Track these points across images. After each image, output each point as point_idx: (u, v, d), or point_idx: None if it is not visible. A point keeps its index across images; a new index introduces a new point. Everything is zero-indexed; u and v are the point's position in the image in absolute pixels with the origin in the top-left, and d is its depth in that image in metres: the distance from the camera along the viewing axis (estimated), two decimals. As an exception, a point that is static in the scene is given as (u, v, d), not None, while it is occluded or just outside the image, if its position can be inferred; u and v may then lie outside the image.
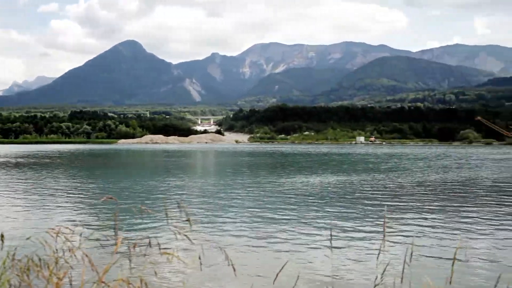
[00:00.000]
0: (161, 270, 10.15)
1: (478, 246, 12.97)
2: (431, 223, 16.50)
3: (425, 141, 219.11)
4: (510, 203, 22.10)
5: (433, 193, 26.17)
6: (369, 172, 42.05)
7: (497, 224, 16.44)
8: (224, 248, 3.98)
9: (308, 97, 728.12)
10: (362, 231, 14.99)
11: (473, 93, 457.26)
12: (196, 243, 11.38)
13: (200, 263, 4.28)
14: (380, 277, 4.74)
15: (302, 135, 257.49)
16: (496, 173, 41.65)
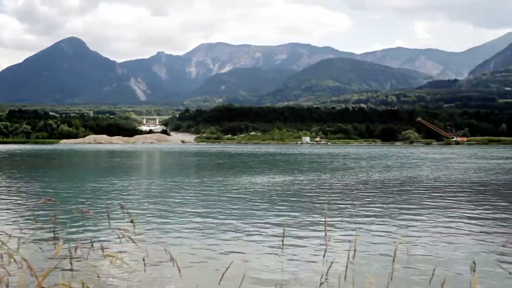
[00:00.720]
0: (104, 273, 9.86)
1: (417, 242, 13.33)
2: (374, 221, 16.86)
3: (369, 141, 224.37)
4: (447, 200, 22.88)
5: (375, 192, 26.78)
6: (315, 172, 42.61)
7: (435, 220, 16.98)
8: (169, 249, 3.94)
9: (255, 97, 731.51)
10: (307, 230, 15.12)
11: (413, 95, 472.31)
12: (140, 244, 11.11)
13: (144, 265, 4.26)
14: (325, 276, 4.80)
15: (248, 135, 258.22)
16: (435, 172, 43.12)
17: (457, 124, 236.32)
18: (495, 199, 24.07)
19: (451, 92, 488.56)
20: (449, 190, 27.93)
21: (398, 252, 4.12)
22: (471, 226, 15.90)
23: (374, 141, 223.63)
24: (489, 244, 13.15)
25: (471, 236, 14.21)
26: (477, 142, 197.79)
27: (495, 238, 13.92)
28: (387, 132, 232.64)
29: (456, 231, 14.97)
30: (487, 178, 36.23)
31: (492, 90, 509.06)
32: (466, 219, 17.29)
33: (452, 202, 22.33)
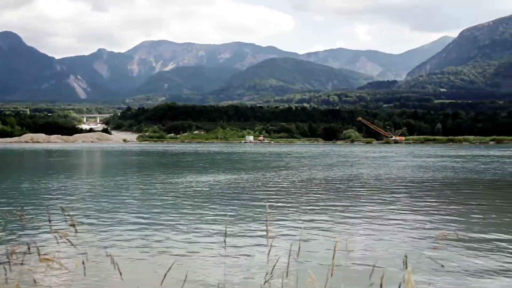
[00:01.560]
0: (41, 278, 9.55)
1: (357, 239, 13.68)
2: (315, 218, 17.14)
3: (311, 140, 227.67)
4: (386, 197, 23.56)
5: (317, 190, 27.24)
6: (258, 171, 42.86)
7: (374, 217, 17.45)
8: (110, 251, 3.85)
9: (198, 96, 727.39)
10: (250, 229, 15.19)
11: (354, 95, 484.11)
12: (80, 248, 10.85)
13: (84, 268, 4.20)
14: (269, 274, 4.80)
15: (192, 134, 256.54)
16: (375, 170, 44.31)
17: (395, 123, 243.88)
18: (430, 196, 25.00)
19: (390, 93, 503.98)
20: (388, 187, 28.78)
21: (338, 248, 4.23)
22: (408, 222, 16.44)
23: (317, 140, 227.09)
24: (424, 240, 13.65)
25: (408, 232, 14.69)
26: (414, 141, 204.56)
27: (431, 234, 14.45)
28: (329, 131, 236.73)
29: (393, 228, 15.43)
30: (423, 176, 37.57)
31: (428, 91, 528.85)
32: (403, 216, 17.86)
33: (390, 199, 23.02)
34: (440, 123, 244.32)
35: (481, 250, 12.26)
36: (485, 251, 12.22)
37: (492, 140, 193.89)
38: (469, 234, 14.32)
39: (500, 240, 13.55)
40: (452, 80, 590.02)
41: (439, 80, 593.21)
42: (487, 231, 14.85)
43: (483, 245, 12.89)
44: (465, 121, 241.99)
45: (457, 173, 39.96)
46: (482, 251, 12.16)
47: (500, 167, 47.68)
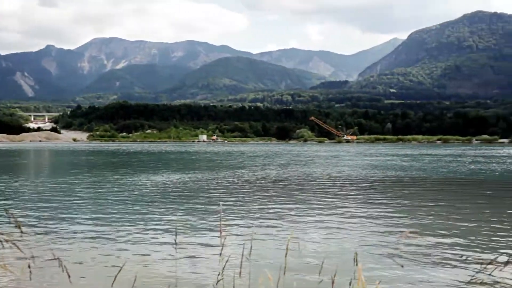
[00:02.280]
0: (-16, 282, 9.18)
1: (309, 237, 13.81)
2: (269, 217, 17.21)
3: (265, 140, 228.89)
4: (338, 195, 23.93)
5: (270, 189, 27.37)
6: (211, 170, 42.72)
7: (326, 215, 17.67)
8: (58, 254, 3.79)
9: (151, 95, 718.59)
10: (203, 229, 15.11)
11: (307, 95, 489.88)
12: (26, 250, 10.49)
13: (30, 272, 4.13)
14: (221, 273, 4.81)
15: (144, 134, 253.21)
16: (327, 169, 44.93)
17: (347, 123, 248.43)
18: (380, 194, 25.55)
19: (342, 93, 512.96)
20: (339, 186, 29.23)
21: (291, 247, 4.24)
22: (358, 220, 16.74)
23: (270, 140, 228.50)
24: (375, 237, 13.91)
25: (359, 230, 14.95)
26: (365, 141, 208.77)
27: (380, 230, 14.76)
28: (282, 131, 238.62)
29: (345, 226, 15.67)
30: (374, 174, 38.39)
31: (379, 91, 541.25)
32: (354, 214, 18.18)
33: (342, 197, 23.38)
34: (390, 123, 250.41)
35: (431, 247, 12.60)
36: (434, 247, 12.56)
37: (439, 140, 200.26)
38: (418, 232, 14.69)
39: (449, 235, 13.97)
40: (401, 81, 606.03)
41: (389, 80, 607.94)
42: (437, 227, 15.29)
43: (432, 241, 13.25)
44: (413, 121, 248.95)
45: (406, 172, 41.03)
46: (432, 248, 12.50)
47: (446, 166, 49.26)
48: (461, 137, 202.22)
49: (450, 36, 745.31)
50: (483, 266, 3.67)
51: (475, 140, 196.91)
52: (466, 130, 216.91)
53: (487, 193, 27.03)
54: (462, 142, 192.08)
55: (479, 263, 10.30)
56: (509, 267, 3.21)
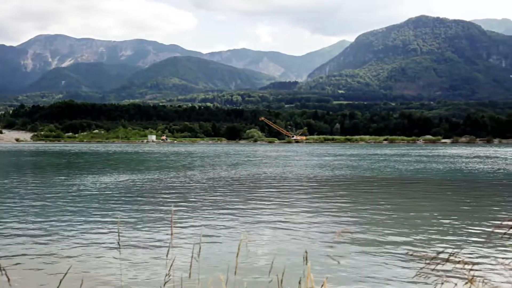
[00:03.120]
0: None
1: (260, 237, 13.80)
2: (219, 217, 17.11)
3: (215, 140, 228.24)
4: (287, 195, 24.08)
5: (221, 188, 27.25)
6: (161, 170, 42.18)
7: (276, 215, 17.73)
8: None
9: (98, 94, 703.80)
10: (152, 229, 14.85)
11: (257, 95, 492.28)
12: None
13: None
14: (168, 274, 4.74)
15: (91, 134, 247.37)
16: (276, 168, 45.20)
17: (297, 123, 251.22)
18: (327, 193, 25.89)
19: (292, 93, 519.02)
20: (289, 186, 29.44)
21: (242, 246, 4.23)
22: (308, 220, 16.87)
23: (220, 140, 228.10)
24: (323, 236, 14.06)
25: (308, 229, 15.06)
26: (314, 141, 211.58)
27: (330, 230, 14.94)
28: (232, 131, 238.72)
29: (295, 225, 15.76)
30: (323, 174, 38.90)
31: (328, 92, 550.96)
32: (304, 213, 18.32)
33: (291, 197, 23.54)
34: (338, 123, 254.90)
35: (375, 245, 12.84)
36: (379, 246, 12.81)
37: (385, 140, 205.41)
38: (365, 230, 14.96)
39: (393, 233, 14.28)
40: (349, 82, 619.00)
41: (337, 82, 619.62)
42: (382, 226, 15.61)
43: (377, 240, 13.52)
44: (361, 122, 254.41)
45: (354, 171, 41.80)
46: (377, 246, 12.74)
47: (391, 165, 50.51)
48: (407, 137, 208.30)
49: (395, 39, 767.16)
50: (425, 261, 3.79)
51: (420, 140, 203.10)
52: (411, 131, 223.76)
53: (428, 191, 27.89)
54: (407, 142, 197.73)
55: (422, 258, 10.57)
56: (454, 263, 4.16)
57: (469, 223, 16.14)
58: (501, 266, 10.09)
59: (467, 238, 13.59)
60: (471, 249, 12.27)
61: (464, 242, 13.06)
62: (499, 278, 9.06)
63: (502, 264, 10.31)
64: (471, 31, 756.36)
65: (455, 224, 15.89)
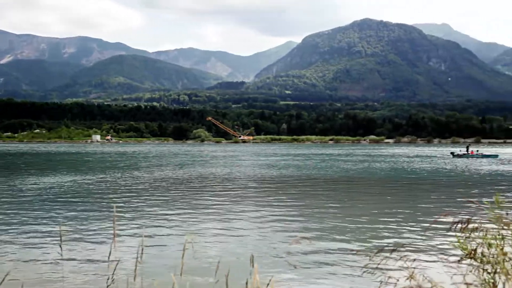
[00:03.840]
0: None
1: (206, 238, 13.71)
2: (164, 218, 16.89)
3: (161, 140, 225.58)
4: (235, 195, 24.08)
5: (167, 189, 26.93)
6: (104, 171, 41.30)
7: (223, 215, 17.69)
8: None
9: (39, 93, 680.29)
10: (95, 231, 14.50)
11: (204, 95, 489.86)
12: None
13: None
14: (111, 277, 4.69)
15: (32, 133, 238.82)
16: (224, 169, 45.15)
17: (244, 123, 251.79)
18: (273, 193, 26.07)
19: (239, 93, 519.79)
20: (236, 186, 29.45)
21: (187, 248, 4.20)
22: (254, 220, 16.92)
23: (166, 140, 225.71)
24: (269, 237, 14.13)
25: (256, 230, 15.10)
26: (261, 141, 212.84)
27: (276, 230, 15.03)
28: (179, 131, 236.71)
29: (242, 225, 15.77)
30: (269, 173, 39.15)
31: (275, 93, 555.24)
32: (249, 214, 18.35)
33: (237, 198, 23.56)
34: (285, 123, 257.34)
35: (322, 244, 13.01)
36: (326, 244, 12.99)
37: (331, 140, 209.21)
38: (311, 229, 15.15)
39: (338, 232, 14.52)
40: (296, 83, 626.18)
41: (284, 82, 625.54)
42: (328, 225, 15.85)
43: (323, 238, 13.70)
44: (307, 122, 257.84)
45: (300, 171, 42.34)
46: (323, 245, 12.91)
47: (336, 165, 51.47)
48: (351, 137, 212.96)
49: (341, 41, 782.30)
50: (370, 259, 3.85)
51: (364, 140, 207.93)
52: (356, 131, 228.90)
53: (371, 189, 28.59)
54: (352, 142, 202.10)
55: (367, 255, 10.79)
56: (397, 259, 4.21)
57: (410, 219, 16.67)
58: (439, 260, 10.45)
59: (408, 234, 14.01)
60: (412, 244, 12.66)
61: (406, 238, 13.46)
62: (438, 271, 9.36)
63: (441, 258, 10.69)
64: (413, 35, 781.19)
65: (398, 220, 16.36)
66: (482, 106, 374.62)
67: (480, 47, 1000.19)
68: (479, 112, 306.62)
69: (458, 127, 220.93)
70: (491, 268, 3.49)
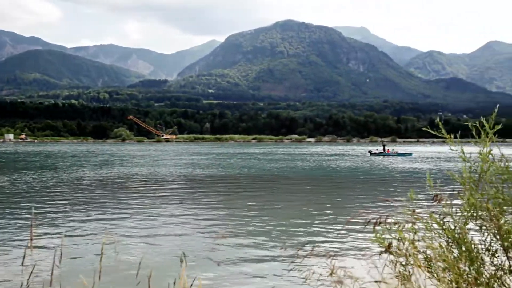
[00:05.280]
0: None
1: (128, 239, 13.47)
2: (83, 220, 16.43)
3: (80, 139, 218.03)
4: (158, 195, 23.80)
5: (86, 190, 26.16)
6: (19, 172, 39.44)
7: (146, 215, 17.44)
8: None
9: None
10: (10, 234, 13.85)
11: (126, 93, 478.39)
12: None
13: None
14: (26, 283, 4.58)
15: None
16: (146, 168, 44.42)
17: (167, 122, 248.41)
18: (196, 192, 26.05)
19: (162, 92, 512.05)
20: (158, 186, 29.09)
21: (108, 250, 4.09)
22: (179, 219, 16.82)
23: (86, 139, 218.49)
24: (194, 236, 14.11)
25: (179, 229, 15.02)
26: (184, 140, 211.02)
27: (200, 229, 15.03)
28: (99, 130, 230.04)
29: (165, 225, 15.64)
30: (191, 173, 39.00)
31: (198, 92, 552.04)
32: (172, 213, 18.24)
33: (160, 197, 23.30)
34: (208, 122, 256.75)
35: (248, 243, 13.16)
36: (252, 244, 13.15)
37: (254, 139, 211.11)
38: (237, 228, 15.28)
39: (263, 232, 14.75)
40: (219, 82, 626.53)
41: (207, 81, 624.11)
42: (253, 224, 16.04)
43: (249, 237, 13.86)
44: (231, 121, 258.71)
45: (223, 169, 42.46)
46: (249, 244, 13.06)
47: (259, 164, 52.09)
48: (274, 137, 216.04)
49: (264, 41, 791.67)
50: (296, 256, 3.90)
51: (287, 139, 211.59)
52: (279, 130, 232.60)
53: (293, 187, 29.21)
54: (275, 141, 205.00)
55: (292, 255, 11.08)
56: (320, 256, 4.37)
57: (331, 216, 17.25)
58: (359, 255, 10.91)
59: (329, 231, 14.47)
60: (334, 240, 13.10)
61: (327, 234, 13.89)
62: (357, 266, 9.75)
63: (360, 253, 11.17)
64: (333, 37, 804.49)
65: (319, 217, 16.85)
66: (397, 107, 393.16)
67: (395, 51, 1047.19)
68: (394, 113, 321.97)
69: (376, 126, 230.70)
70: (405, 261, 3.74)
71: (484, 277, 3.57)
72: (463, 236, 3.65)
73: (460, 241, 3.65)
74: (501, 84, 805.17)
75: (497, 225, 3.51)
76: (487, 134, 3.52)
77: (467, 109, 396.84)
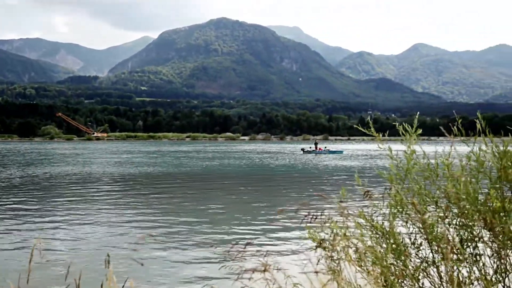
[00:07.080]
0: None
1: (56, 242, 13.16)
2: (9, 222, 15.86)
3: (5, 137, 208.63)
4: (86, 195, 23.29)
5: (12, 190, 25.16)
6: None
7: (74, 216, 17.04)
8: None
9: None
10: None
11: (54, 89, 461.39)
12: None
13: None
14: None
15: None
16: (75, 167, 43.23)
17: (97, 120, 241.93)
18: (127, 192, 25.69)
19: (92, 89, 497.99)
20: (87, 185, 28.43)
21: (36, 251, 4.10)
22: (108, 220, 16.56)
23: (11, 137, 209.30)
24: (125, 238, 13.97)
25: (109, 231, 14.79)
26: (116, 138, 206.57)
27: (131, 231, 14.88)
28: (26, 127, 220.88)
29: (95, 227, 15.36)
30: (122, 171, 38.34)
31: (130, 89, 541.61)
32: (102, 214, 17.91)
33: (89, 197, 22.81)
34: (141, 120, 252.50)
35: (179, 243, 13.18)
36: (183, 242, 13.18)
37: (188, 137, 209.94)
38: (167, 228, 15.24)
39: (194, 230, 14.79)
40: (152, 79, 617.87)
41: (140, 78, 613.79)
42: (184, 223, 16.05)
43: (179, 237, 13.87)
44: (164, 119, 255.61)
45: (154, 168, 42.02)
46: (180, 243, 13.08)
47: (192, 162, 51.93)
48: (208, 135, 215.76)
49: (198, 38, 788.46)
50: (227, 254, 3.97)
51: (221, 137, 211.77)
52: (213, 128, 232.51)
53: (225, 185, 29.38)
54: (209, 139, 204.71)
55: (223, 253, 11.23)
56: (252, 253, 4.42)
57: (264, 213, 17.54)
58: (292, 252, 11.22)
59: (262, 228, 14.71)
60: (267, 237, 13.35)
61: (260, 232, 14.13)
62: (290, 262, 10.01)
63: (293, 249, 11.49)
64: (267, 35, 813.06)
65: (253, 215, 17.08)
66: (329, 106, 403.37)
67: (327, 51, 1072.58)
68: (326, 111, 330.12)
69: (309, 125, 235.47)
70: (337, 256, 3.84)
71: (410, 269, 3.72)
72: (391, 231, 3.77)
73: (388, 236, 3.78)
74: (426, 85, 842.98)
75: (421, 219, 3.66)
76: (411, 135, 3.81)
77: (396, 108, 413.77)
